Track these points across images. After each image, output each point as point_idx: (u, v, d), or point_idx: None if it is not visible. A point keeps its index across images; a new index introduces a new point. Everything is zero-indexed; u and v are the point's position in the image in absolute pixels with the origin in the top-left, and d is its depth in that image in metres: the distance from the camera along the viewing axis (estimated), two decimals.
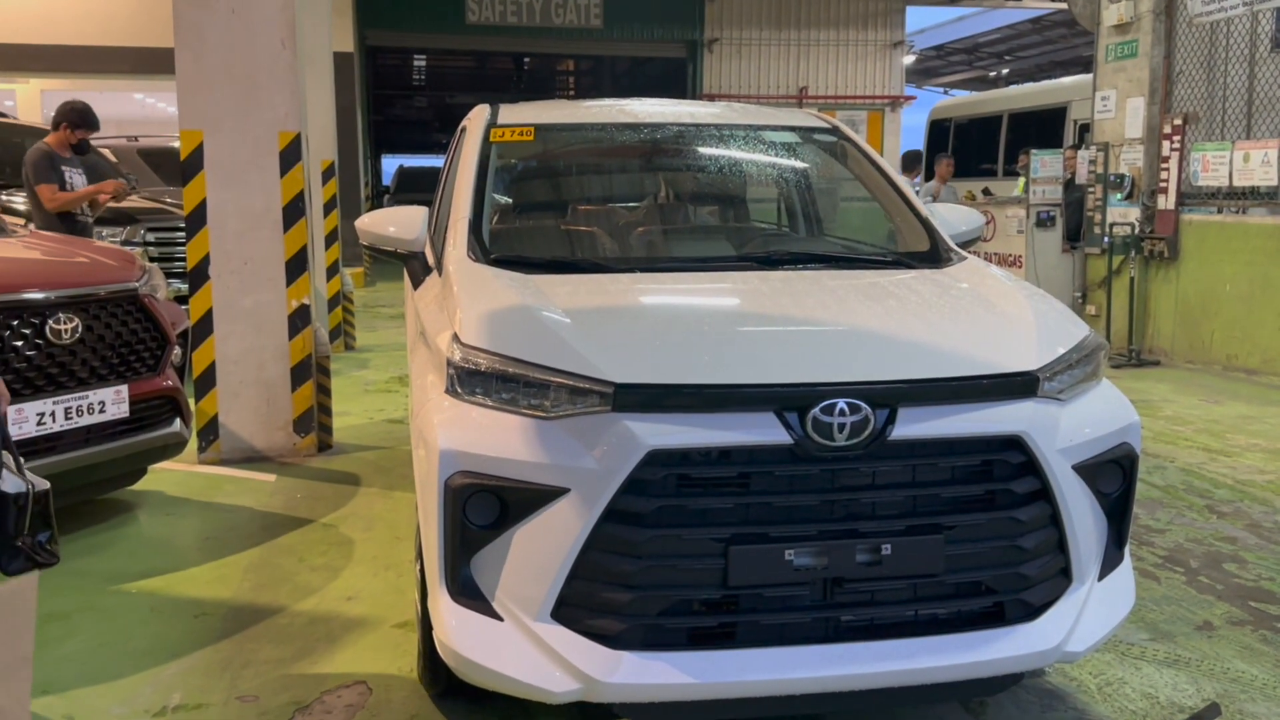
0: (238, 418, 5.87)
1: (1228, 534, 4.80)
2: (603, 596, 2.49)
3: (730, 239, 4.19)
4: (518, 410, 2.57)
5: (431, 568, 2.64)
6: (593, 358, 2.57)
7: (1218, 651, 3.59)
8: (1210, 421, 7.11)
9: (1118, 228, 9.71)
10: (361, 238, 3.60)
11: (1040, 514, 2.64)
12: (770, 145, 4.35)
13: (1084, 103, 11.88)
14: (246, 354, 5.84)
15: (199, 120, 5.70)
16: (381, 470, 5.74)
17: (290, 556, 4.45)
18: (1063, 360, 2.76)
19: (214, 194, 5.73)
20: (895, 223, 3.94)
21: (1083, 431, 2.70)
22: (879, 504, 2.56)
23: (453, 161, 4.30)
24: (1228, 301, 8.93)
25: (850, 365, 2.64)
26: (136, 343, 4.66)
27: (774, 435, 2.48)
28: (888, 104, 21.93)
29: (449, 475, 2.53)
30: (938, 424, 2.56)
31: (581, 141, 4.40)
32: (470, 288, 3.03)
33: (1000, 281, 3.30)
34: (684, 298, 3.24)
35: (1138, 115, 9.68)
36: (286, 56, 5.73)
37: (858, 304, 3.10)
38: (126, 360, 4.62)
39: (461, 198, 3.60)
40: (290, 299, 5.86)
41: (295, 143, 5.80)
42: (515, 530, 2.52)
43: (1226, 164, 8.73)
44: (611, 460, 2.44)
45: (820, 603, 2.56)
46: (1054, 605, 2.68)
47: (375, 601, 3.96)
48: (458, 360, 2.68)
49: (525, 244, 3.92)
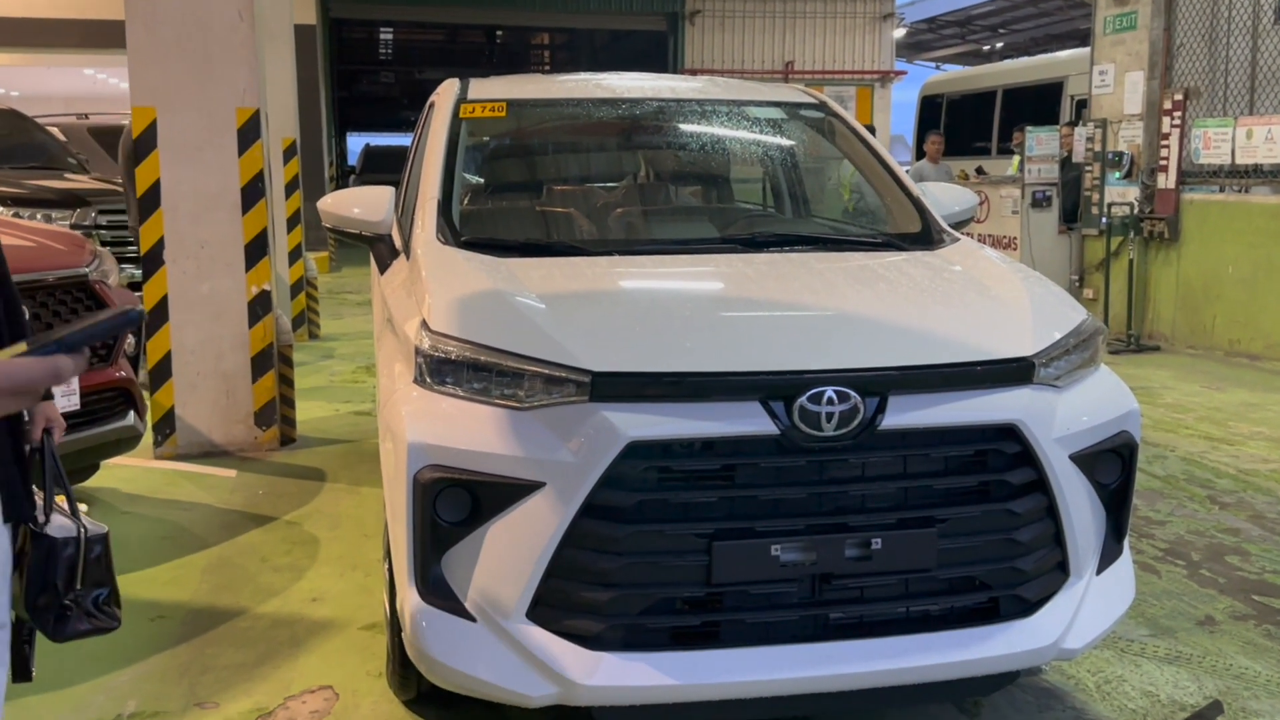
0: (195, 410, 5.84)
1: (1230, 525, 4.85)
2: (580, 595, 2.49)
3: (713, 220, 4.19)
4: (490, 401, 2.56)
5: (400, 567, 2.63)
6: (569, 345, 2.57)
7: (1220, 647, 3.63)
8: (1212, 409, 7.17)
9: (1116, 208, 9.76)
10: (324, 219, 3.58)
11: (1036, 506, 2.65)
12: (755, 122, 4.35)
13: (1081, 77, 11.94)
14: (204, 343, 5.81)
15: (152, 96, 5.65)
16: (348, 465, 5.72)
17: (252, 556, 4.43)
18: (1059, 345, 2.77)
19: (168, 174, 5.69)
20: (885, 202, 3.94)
21: (1080, 420, 2.71)
22: (869, 496, 2.57)
23: (421, 139, 4.28)
24: (1230, 284, 9.00)
25: (839, 352, 2.64)
26: None
27: (759, 425, 2.48)
28: (877, 79, 21.97)
29: (418, 469, 2.52)
30: (930, 413, 2.56)
31: (556, 118, 4.38)
32: (439, 272, 3.01)
33: (994, 264, 3.31)
34: (665, 282, 3.24)
35: (1137, 90, 9.72)
36: (244, 29, 5.69)
37: (846, 288, 3.10)
38: None
39: (430, 177, 3.58)
40: (250, 285, 5.82)
41: (254, 119, 5.76)
42: (488, 527, 2.51)
43: (1229, 141, 8.79)
44: (589, 452, 2.44)
45: (808, 600, 2.56)
46: (1050, 600, 2.70)
47: (342, 603, 3.95)
48: (426, 348, 2.66)
49: (497, 226, 3.91)
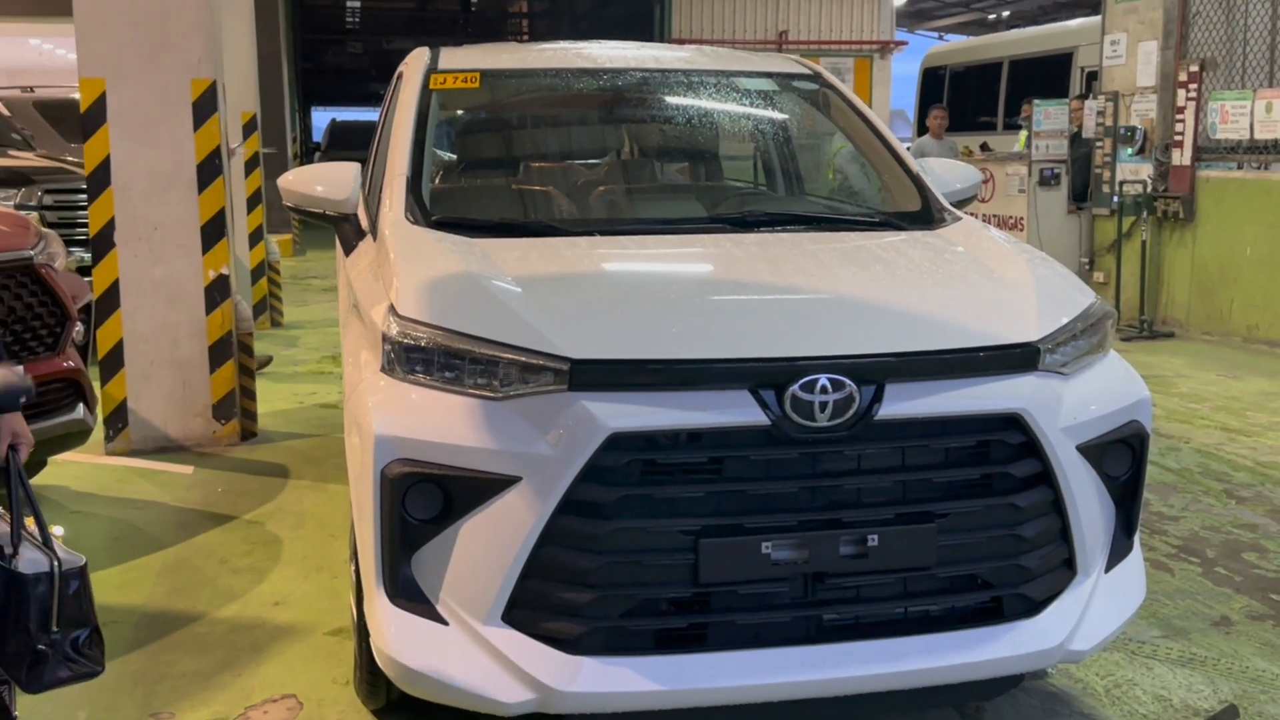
0: (149, 403, 5.81)
1: (1247, 521, 4.88)
2: (559, 597, 2.49)
3: (701, 198, 4.19)
4: (462, 390, 2.56)
5: (368, 568, 2.63)
6: (546, 331, 2.57)
7: (1236, 649, 3.66)
8: (1229, 398, 7.22)
9: (1128, 186, 9.81)
10: (285, 198, 3.56)
11: (1041, 500, 2.66)
12: (745, 94, 4.35)
13: (1092, 48, 11.96)
14: (158, 331, 5.78)
15: (101, 67, 5.61)
16: (312, 460, 5.71)
17: (210, 558, 4.42)
18: (1066, 330, 2.79)
19: (119, 150, 5.65)
20: (884, 180, 3.95)
21: (1088, 409, 2.73)
22: (865, 490, 2.58)
23: (388, 113, 4.27)
24: (1248, 267, 9.05)
25: (833, 337, 2.65)
26: (32, 319, 4.58)
27: (749, 415, 2.49)
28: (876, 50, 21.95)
29: (386, 464, 2.51)
30: (929, 402, 2.57)
31: (534, 90, 4.37)
32: (408, 253, 3.01)
33: (998, 244, 3.32)
34: (649, 264, 3.24)
35: (1150, 61, 9.75)
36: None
37: (841, 270, 3.11)
38: (21, 338, 4.54)
39: (398, 153, 3.57)
40: (207, 269, 5.80)
41: (210, 92, 5.73)
42: (461, 524, 2.51)
43: (1247, 115, 8.83)
44: (568, 445, 2.44)
45: (800, 600, 2.57)
46: (1057, 600, 2.72)
47: (306, 606, 3.95)
48: (394, 335, 2.66)
49: (470, 204, 3.90)
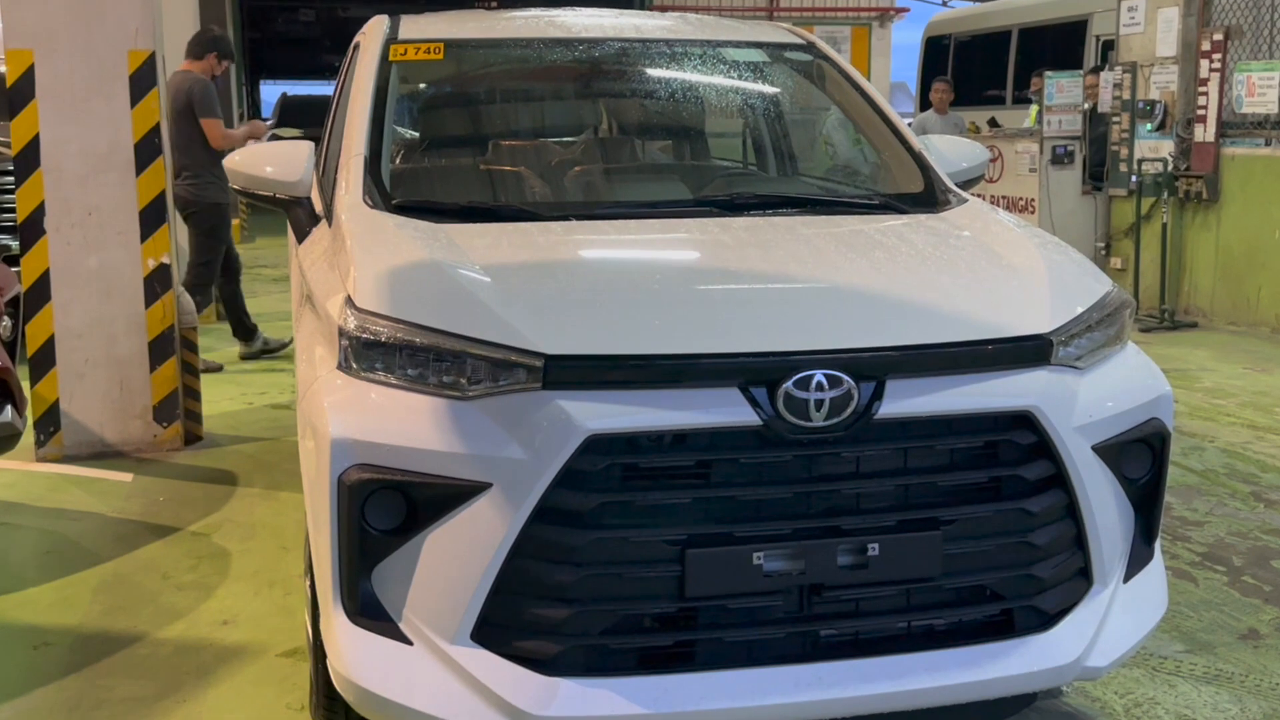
0: (84, 404, 5.78)
1: (1277, 526, 4.92)
2: (534, 613, 2.49)
3: (685, 179, 4.19)
4: (427, 389, 2.56)
5: (324, 583, 2.62)
6: (518, 324, 2.57)
7: (1265, 664, 3.69)
8: (1257, 393, 7.27)
9: (1147, 165, 9.85)
10: (232, 180, 3.55)
11: (1054, 504, 2.68)
12: (733, 66, 4.36)
13: (1108, 15, 12.02)
14: (93, 326, 5.75)
15: (28, 37, 5.57)
16: (264, 466, 5.69)
17: (152, 573, 4.40)
18: (1080, 321, 2.80)
19: (49, 129, 5.61)
20: (883, 158, 3.96)
21: (1104, 406, 2.74)
22: (864, 495, 2.59)
23: (344, 87, 4.26)
24: (1277, 251, 9.11)
25: (829, 330, 2.66)
26: None
27: (739, 415, 2.49)
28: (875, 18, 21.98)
29: (343, 470, 2.51)
30: (933, 399, 2.58)
31: (503, 61, 4.37)
32: (367, 240, 3.00)
33: (1007, 228, 3.34)
34: (630, 250, 3.24)
35: (1171, 29, 9.80)
36: None
37: (838, 256, 3.12)
38: None
39: (355, 131, 3.56)
40: (146, 258, 5.77)
41: (149, 64, 5.70)
42: (426, 535, 2.51)
43: (1275, 87, 8.88)
44: (542, 448, 2.44)
45: (795, 615, 2.58)
46: (1072, 612, 2.73)
47: (257, 625, 3.94)
48: (352, 329, 2.65)
49: (435, 187, 3.89)
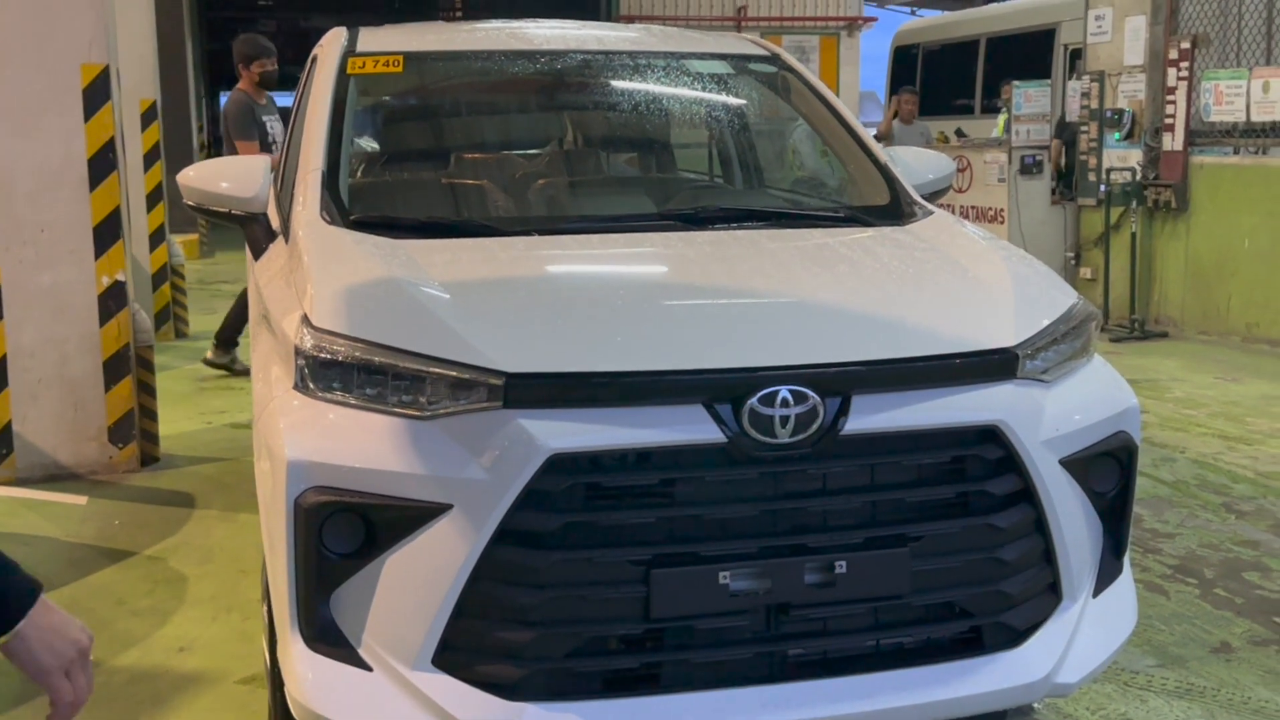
0: (36, 426, 5.73)
1: (1248, 537, 4.96)
2: (496, 637, 2.48)
3: (650, 193, 4.21)
4: (386, 409, 2.55)
5: (281, 608, 2.60)
6: (478, 342, 2.56)
7: (1237, 678, 3.71)
8: (1228, 403, 7.34)
9: (1116, 174, 9.95)
10: (186, 196, 3.51)
11: (1023, 519, 2.69)
12: (698, 78, 4.37)
13: (1075, 24, 12.14)
14: (46, 345, 5.70)
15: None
16: (222, 487, 5.66)
17: (106, 598, 4.37)
18: (1046, 334, 2.83)
19: (0, 144, 5.57)
20: (849, 171, 3.98)
21: (1071, 419, 2.77)
22: (831, 513, 2.60)
23: (302, 100, 4.24)
24: (1247, 260, 9.21)
25: (794, 345, 2.67)
26: None
27: (703, 432, 2.50)
28: (843, 27, 22.12)
29: (300, 492, 2.50)
30: (899, 414, 2.59)
31: (464, 74, 4.37)
32: (324, 257, 2.99)
33: (972, 240, 3.36)
34: (592, 266, 3.24)
35: (1138, 38, 9.91)
36: None
37: (803, 271, 3.13)
38: None
39: (312, 145, 3.55)
40: (100, 275, 5.73)
41: (103, 78, 5.67)
42: (385, 558, 2.50)
43: (1243, 95, 8.98)
44: (504, 468, 2.43)
45: (763, 635, 2.58)
46: (1041, 628, 2.75)
47: (214, 652, 3.91)
48: (309, 348, 2.64)
49: (394, 202, 3.89)
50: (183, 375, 8.12)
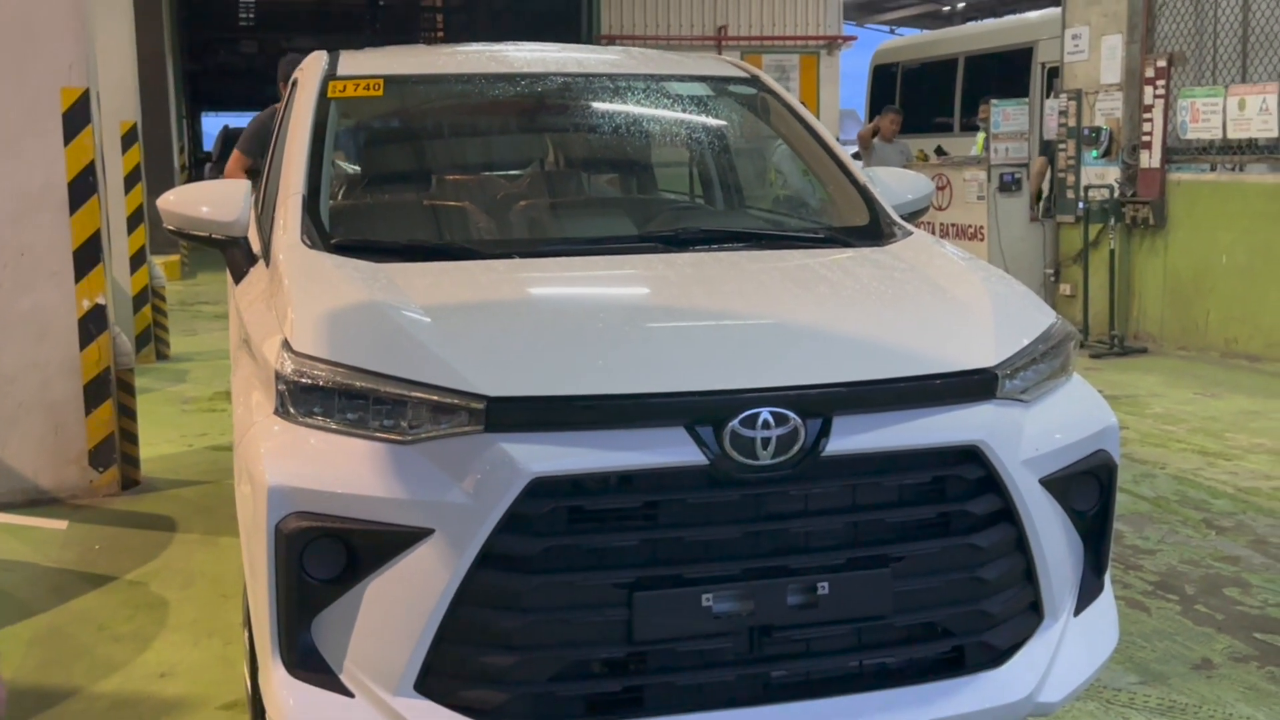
0: (16, 450, 5.71)
1: (1229, 553, 4.98)
2: (479, 661, 2.48)
3: (631, 214, 4.21)
4: (367, 434, 2.54)
5: (262, 634, 2.59)
6: (460, 366, 2.56)
7: (1219, 694, 3.72)
8: (1207, 419, 7.38)
9: (1094, 191, 10.01)
10: (167, 221, 3.50)
11: (1003, 539, 2.70)
12: (677, 100, 4.39)
13: (1053, 42, 12.21)
14: (25, 370, 5.69)
15: None
16: (203, 511, 5.63)
17: (87, 624, 4.35)
18: (1025, 354, 2.84)
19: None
20: (829, 192, 4.00)
21: (1051, 438, 2.78)
22: (813, 534, 2.60)
23: (283, 124, 4.24)
24: (1225, 276, 9.27)
25: (775, 367, 2.67)
26: None
27: (685, 455, 2.50)
28: (823, 46, 22.22)
29: (281, 518, 2.49)
30: (880, 435, 2.60)
31: (444, 97, 4.37)
32: (305, 281, 2.99)
33: (952, 261, 3.38)
34: (574, 289, 3.25)
35: (1115, 56, 9.98)
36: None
37: (784, 292, 3.14)
38: None
39: (293, 169, 3.55)
40: (80, 299, 5.72)
41: (83, 101, 5.67)
42: (367, 584, 2.49)
43: (1219, 113, 9.05)
44: (486, 492, 2.43)
45: (746, 657, 2.58)
46: (1023, 648, 2.75)
47: (196, 677, 3.90)
48: (289, 373, 2.64)
49: (375, 225, 3.88)
50: (164, 398, 8.09)
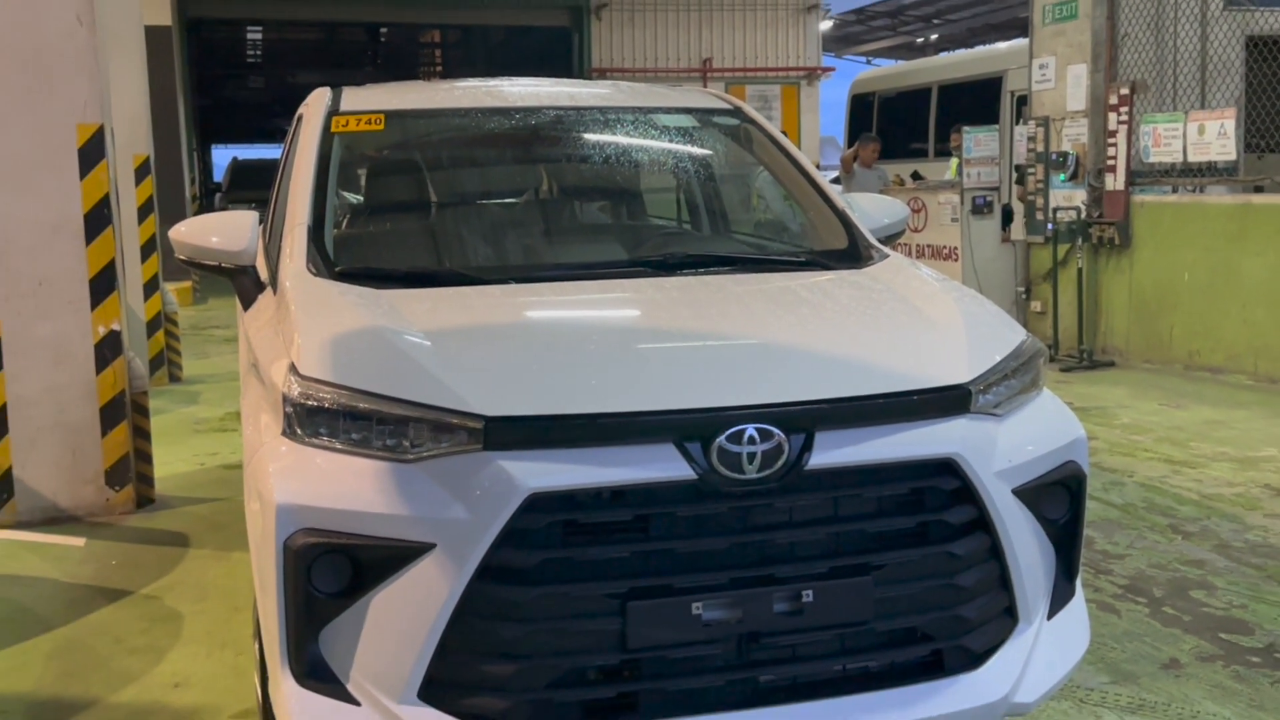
0: (36, 471, 5.69)
1: (1194, 557, 4.99)
2: (480, 670, 2.48)
3: (621, 240, 4.22)
4: (370, 453, 2.55)
5: (272, 646, 2.59)
6: (459, 387, 2.56)
7: (1186, 693, 3.73)
8: (1172, 429, 7.39)
9: (1062, 213, 10.04)
10: (178, 251, 3.50)
11: (979, 547, 2.71)
12: (664, 130, 4.40)
13: (1021, 72, 12.28)
14: (45, 393, 5.67)
15: None
16: (216, 527, 5.62)
17: (104, 637, 4.33)
18: (998, 370, 2.85)
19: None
20: (809, 217, 4.01)
21: (1023, 450, 2.79)
22: (798, 544, 2.60)
23: (289, 156, 4.25)
24: (1187, 292, 9.30)
25: (760, 385, 2.68)
26: None
27: (674, 470, 2.50)
28: (804, 76, 22.34)
29: (289, 534, 2.49)
30: (860, 449, 2.61)
31: (442, 131, 4.39)
32: (310, 307, 2.99)
33: (926, 281, 3.39)
34: (567, 312, 3.25)
35: (1080, 84, 10.03)
36: (83, 34, 5.60)
37: (767, 313, 3.15)
38: None
39: (299, 200, 3.56)
40: (96, 325, 5.71)
41: (98, 137, 5.67)
42: (372, 597, 2.49)
43: (1180, 137, 9.10)
44: (485, 508, 2.43)
45: (735, 662, 2.58)
46: (999, 650, 2.76)
47: (209, 687, 3.88)
48: (296, 396, 2.64)
49: (377, 253, 3.88)
50: (177, 419, 8.07)
